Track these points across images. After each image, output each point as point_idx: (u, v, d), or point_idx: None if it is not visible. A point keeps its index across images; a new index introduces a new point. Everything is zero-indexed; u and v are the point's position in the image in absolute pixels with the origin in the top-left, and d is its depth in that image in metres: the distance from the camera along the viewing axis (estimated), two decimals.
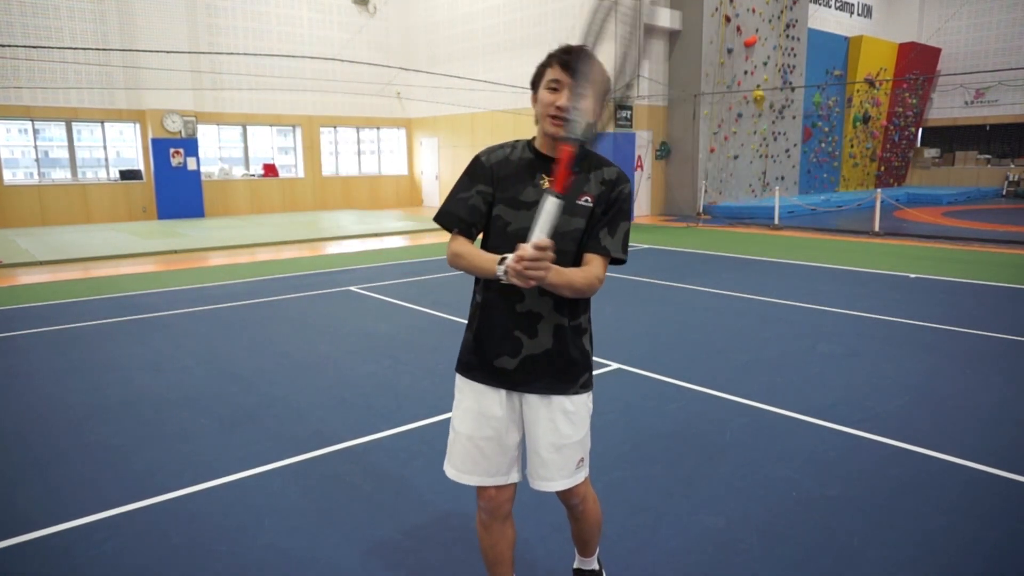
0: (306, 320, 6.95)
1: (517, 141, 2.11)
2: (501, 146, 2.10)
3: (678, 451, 3.79)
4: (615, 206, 2.00)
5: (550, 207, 1.71)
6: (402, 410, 4.43)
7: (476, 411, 2.09)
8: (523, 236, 1.92)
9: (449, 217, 2.03)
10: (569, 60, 1.92)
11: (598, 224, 1.99)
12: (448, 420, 4.27)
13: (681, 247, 12.18)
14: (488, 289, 2.04)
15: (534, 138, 2.08)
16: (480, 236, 2.08)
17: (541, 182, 2.00)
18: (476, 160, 2.07)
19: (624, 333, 6.34)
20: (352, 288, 8.60)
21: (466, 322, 2.19)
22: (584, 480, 2.19)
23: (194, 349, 5.90)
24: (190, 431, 4.12)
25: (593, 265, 1.96)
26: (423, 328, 6.60)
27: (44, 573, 2.71)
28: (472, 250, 1.98)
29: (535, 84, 2.01)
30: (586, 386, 2.11)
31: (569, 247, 1.98)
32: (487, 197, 2.03)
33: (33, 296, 8.32)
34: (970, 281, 8.70)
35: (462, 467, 2.11)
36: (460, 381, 2.15)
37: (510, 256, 1.75)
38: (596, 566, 2.51)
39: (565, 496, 2.21)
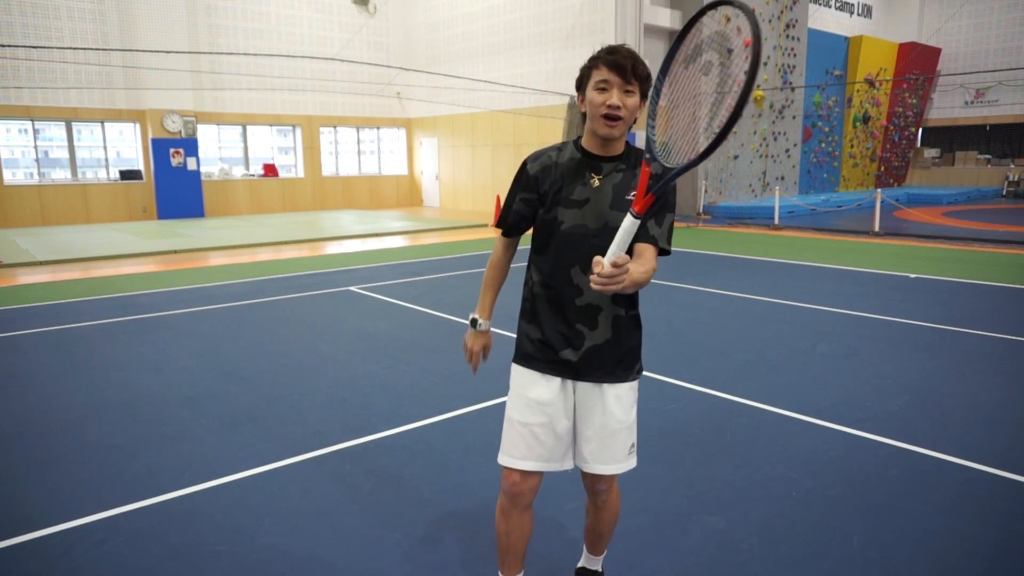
0: (306, 320, 6.95)
1: (565, 143, 2.17)
2: (549, 149, 2.16)
3: (678, 451, 3.79)
4: (661, 198, 2.05)
5: (628, 226, 1.74)
6: (402, 410, 4.43)
7: (529, 399, 2.15)
8: (576, 233, 2.05)
9: (502, 221, 2.24)
10: (616, 60, 1.96)
11: (647, 215, 2.03)
12: (451, 420, 4.28)
13: (681, 247, 12.17)
14: (547, 287, 2.12)
15: (580, 137, 2.13)
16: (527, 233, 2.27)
17: (591, 180, 2.07)
18: (522, 167, 2.17)
19: None
20: (352, 288, 8.60)
21: (519, 313, 2.26)
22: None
23: (194, 349, 5.90)
24: (190, 431, 4.12)
25: (647, 256, 2.01)
26: (423, 328, 6.60)
27: (44, 573, 2.71)
28: (487, 281, 2.31)
29: (580, 86, 2.06)
30: (640, 372, 2.23)
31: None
32: (530, 203, 2.15)
33: (33, 296, 8.32)
34: (970, 281, 8.70)
35: (516, 453, 2.15)
36: (517, 371, 2.20)
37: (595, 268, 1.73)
38: (599, 568, 2.51)
39: (594, 482, 2.25)
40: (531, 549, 2.83)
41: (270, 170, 20.38)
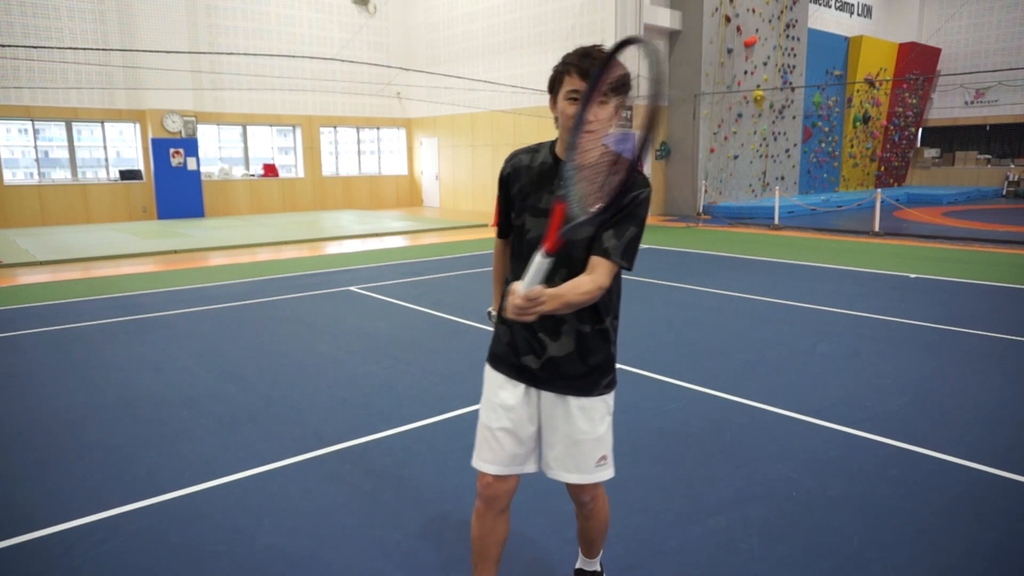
0: (306, 320, 6.95)
1: (542, 144, 2.11)
2: (524, 151, 2.11)
3: (678, 451, 3.79)
4: (625, 210, 1.93)
5: (538, 263, 1.71)
6: (402, 410, 4.43)
7: (496, 403, 2.14)
8: (537, 243, 1.95)
9: (498, 225, 2.26)
10: (589, 68, 1.86)
11: (604, 226, 1.93)
12: (451, 420, 4.29)
13: (681, 247, 12.18)
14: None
15: (556, 140, 2.06)
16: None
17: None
18: (501, 169, 2.15)
19: (624, 333, 6.31)
20: (352, 288, 8.60)
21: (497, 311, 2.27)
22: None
23: (194, 349, 5.90)
24: (190, 431, 4.12)
25: (596, 272, 1.90)
26: (423, 328, 6.60)
27: (44, 573, 2.71)
28: (495, 275, 2.33)
29: (553, 89, 1.97)
30: (610, 387, 2.14)
31: (580, 255, 1.96)
32: (507, 203, 2.14)
33: (33, 296, 8.32)
34: (970, 281, 8.70)
35: (481, 455, 2.16)
36: (488, 372, 2.20)
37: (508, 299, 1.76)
38: (598, 568, 2.51)
39: (576, 492, 2.23)
40: (529, 551, 2.83)
41: (270, 170, 20.38)
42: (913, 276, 9.05)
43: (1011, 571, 2.68)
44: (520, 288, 1.71)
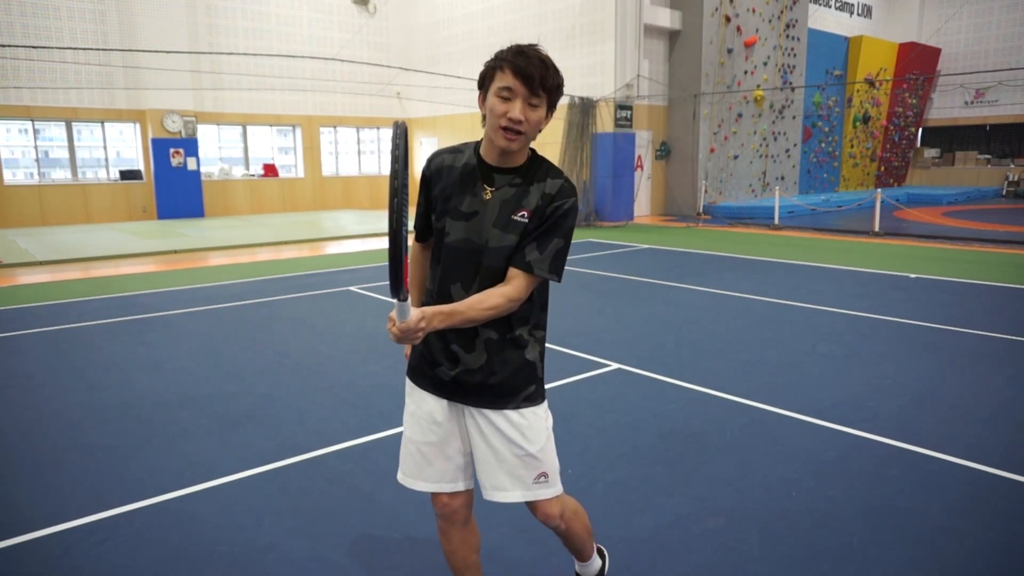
0: (306, 320, 6.95)
1: (466, 144, 2.02)
2: (447, 151, 2.02)
3: (678, 451, 3.79)
4: (548, 220, 1.89)
5: (399, 307, 1.70)
6: (402, 410, 4.42)
7: (420, 416, 2.06)
8: (460, 248, 1.93)
9: (415, 226, 2.15)
10: (524, 66, 1.79)
11: (527, 238, 1.89)
12: None
13: (681, 247, 12.18)
14: (434, 299, 2.01)
15: (481, 141, 1.98)
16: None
17: (483, 192, 1.92)
18: (423, 168, 2.04)
19: (624, 333, 6.34)
20: (352, 288, 8.60)
21: None
22: (555, 499, 2.09)
23: (194, 349, 5.90)
24: (190, 431, 4.11)
25: (511, 285, 1.86)
26: None
27: (44, 573, 2.71)
28: (414, 280, 2.20)
29: (482, 85, 1.89)
30: (532, 399, 2.02)
31: (500, 264, 1.91)
32: (428, 206, 2.04)
33: (33, 296, 8.31)
34: (970, 281, 8.70)
35: (409, 472, 2.09)
36: (408, 385, 2.13)
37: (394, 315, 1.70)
38: (598, 564, 2.50)
39: (540, 518, 2.12)
40: (531, 554, 2.82)
41: (270, 170, 20.37)
42: (913, 276, 9.05)
43: (1012, 572, 2.68)
44: (395, 317, 1.68)
